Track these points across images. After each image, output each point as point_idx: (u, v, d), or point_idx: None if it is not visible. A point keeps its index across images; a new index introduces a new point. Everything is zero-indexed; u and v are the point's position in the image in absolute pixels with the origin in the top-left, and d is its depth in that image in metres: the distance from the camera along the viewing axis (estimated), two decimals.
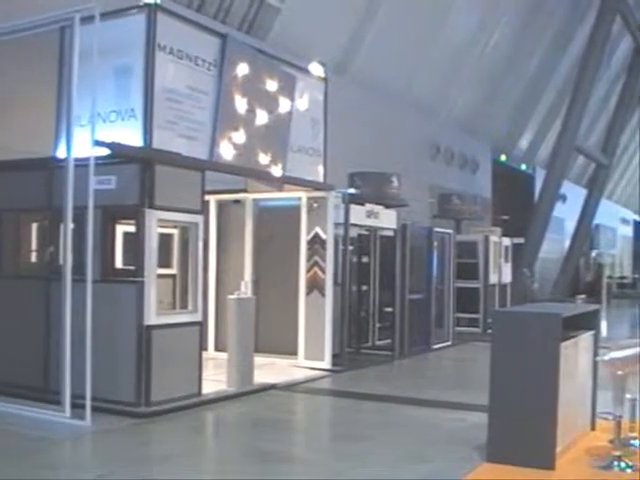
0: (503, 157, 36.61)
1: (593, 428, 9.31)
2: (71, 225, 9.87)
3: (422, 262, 17.87)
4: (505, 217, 32.65)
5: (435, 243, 18.31)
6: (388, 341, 17.22)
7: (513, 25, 31.63)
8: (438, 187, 28.89)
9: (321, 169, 14.94)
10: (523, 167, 39.34)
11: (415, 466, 8.15)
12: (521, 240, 27.85)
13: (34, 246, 11.86)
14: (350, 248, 15.69)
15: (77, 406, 9.60)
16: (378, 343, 17.74)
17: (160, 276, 10.96)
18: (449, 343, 19.01)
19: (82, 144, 9.91)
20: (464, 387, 13.13)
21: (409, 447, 8.91)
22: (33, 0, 12.23)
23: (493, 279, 23.05)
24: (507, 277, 24.47)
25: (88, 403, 9.46)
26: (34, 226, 11.82)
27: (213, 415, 10.85)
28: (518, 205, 35.56)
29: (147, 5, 10.90)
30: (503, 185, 35.97)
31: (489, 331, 9.29)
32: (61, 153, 10.84)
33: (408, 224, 17.30)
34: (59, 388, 9.81)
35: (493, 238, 23.35)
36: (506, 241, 24.52)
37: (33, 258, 11.86)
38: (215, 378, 12.42)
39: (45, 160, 11.34)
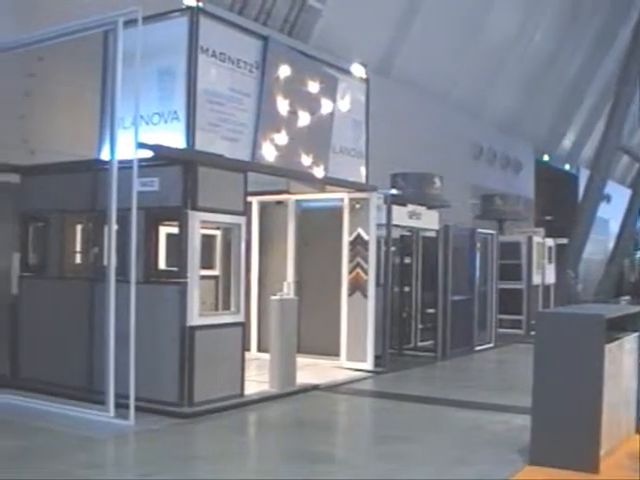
0: (546, 157, 36.31)
1: (638, 431, 9.20)
2: (115, 227, 9.95)
3: (465, 263, 17.79)
4: (548, 217, 32.38)
5: (478, 244, 18.21)
6: (430, 342, 17.15)
7: (555, 24, 31.38)
8: (481, 188, 28.70)
9: (363, 170, 14.93)
10: (566, 167, 39.00)
11: (458, 468, 8.11)
12: (565, 241, 27.56)
13: (78, 247, 11.98)
14: (392, 249, 15.64)
15: (121, 406, 9.69)
16: (420, 344, 17.66)
17: (203, 277, 11.01)
18: (492, 345, 18.89)
19: (126, 146, 9.99)
20: (507, 389, 13.02)
21: (452, 449, 8.88)
22: (77, 5, 12.39)
23: (536, 280, 22.85)
24: (550, 278, 24.24)
25: (132, 403, 9.55)
26: (79, 228, 11.94)
27: (255, 416, 10.88)
28: (562, 205, 35.25)
29: (189, 8, 10.97)
30: (546, 185, 35.67)
31: (532, 333, 9.21)
32: (105, 155, 10.97)
33: (450, 225, 17.22)
34: (103, 388, 9.90)
35: (536, 239, 23.16)
36: (549, 242, 24.29)
37: (78, 259, 11.99)
38: (257, 379, 12.45)
39: (89, 162, 11.47)
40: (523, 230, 25.18)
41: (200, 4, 11.03)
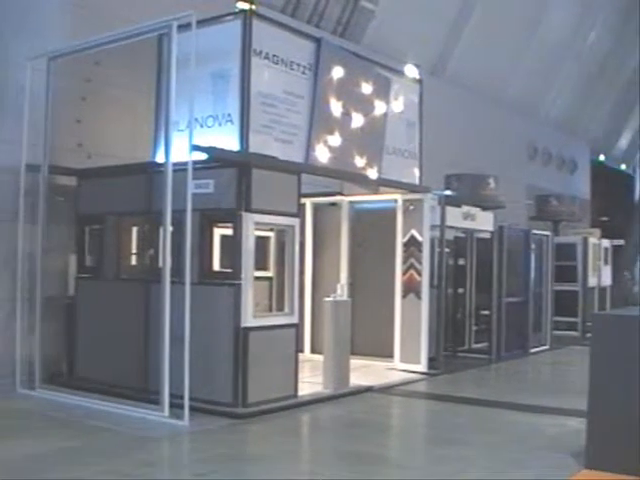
0: (602, 157, 35.88)
1: None
2: (170, 228, 10.04)
3: (519, 264, 17.64)
4: (604, 218, 31.99)
5: (533, 245, 18.06)
6: (485, 344, 17.03)
7: (611, 22, 30.99)
8: (535, 188, 28.45)
9: (417, 171, 14.89)
10: (623, 167, 38.50)
11: (513, 471, 8.04)
12: (621, 242, 27.23)
13: (134, 249, 12.11)
14: (446, 250, 15.58)
15: (175, 406, 9.77)
16: (475, 346, 17.57)
17: (257, 279, 11.09)
18: (547, 347, 18.72)
19: (180, 149, 10.08)
20: (562, 392, 12.89)
21: (506, 452, 8.80)
22: (132, 10, 12.54)
23: (592, 282, 22.60)
24: (607, 280, 23.96)
25: (186, 403, 9.63)
26: (134, 230, 12.07)
27: (309, 417, 10.91)
28: (618, 206, 34.84)
29: (242, 11, 11.04)
30: (602, 186, 35.24)
31: (588, 335, 9.11)
32: (160, 158, 11.07)
33: (505, 226, 17.10)
34: (158, 388, 9.99)
35: (592, 240, 22.90)
36: (605, 243, 24.00)
37: (133, 261, 12.12)
38: (311, 380, 12.49)
39: (144, 165, 11.59)
40: (579, 231, 24.92)
41: (253, 7, 11.10)
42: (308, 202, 15.28)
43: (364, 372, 13.67)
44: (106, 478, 7.52)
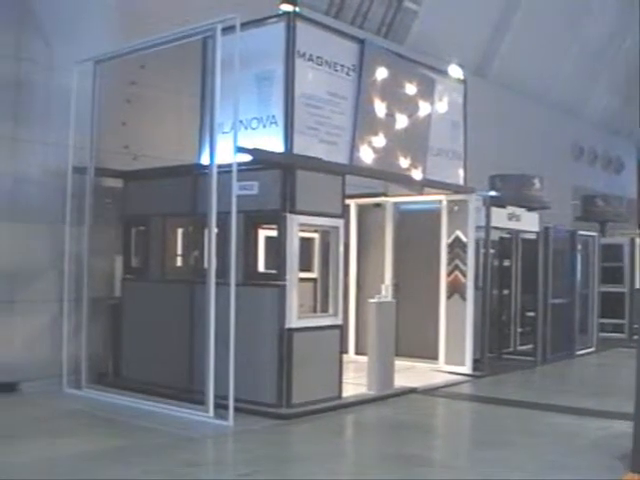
0: None
1: None
2: (215, 230, 10.09)
3: (565, 266, 17.50)
4: None
5: (579, 246, 17.90)
6: (530, 346, 16.89)
7: None
8: (581, 188, 28.18)
9: (461, 172, 14.83)
10: None
11: (557, 474, 7.98)
12: None
13: (179, 250, 12.19)
14: (491, 251, 15.50)
15: (220, 406, 9.82)
16: (520, 348, 17.43)
17: (301, 280, 11.09)
18: (593, 349, 18.52)
19: (225, 151, 10.13)
20: (608, 394, 12.75)
21: (551, 455, 8.73)
22: (175, 13, 12.63)
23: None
24: None
25: (231, 404, 9.66)
26: (179, 231, 12.15)
27: (353, 418, 10.91)
28: None
29: (286, 13, 11.06)
30: None
31: (635, 337, 9.00)
32: (205, 160, 11.13)
33: (551, 227, 16.97)
34: (203, 389, 10.05)
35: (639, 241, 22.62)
36: None
37: (178, 262, 12.20)
38: (355, 381, 12.49)
39: (189, 167, 11.66)
40: (625, 232, 24.59)
41: (296, 9, 11.12)
42: (352, 203, 15.29)
43: (408, 373, 13.63)
44: (151, 478, 7.58)
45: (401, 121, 12.92)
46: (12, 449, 8.52)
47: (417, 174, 13.34)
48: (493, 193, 15.73)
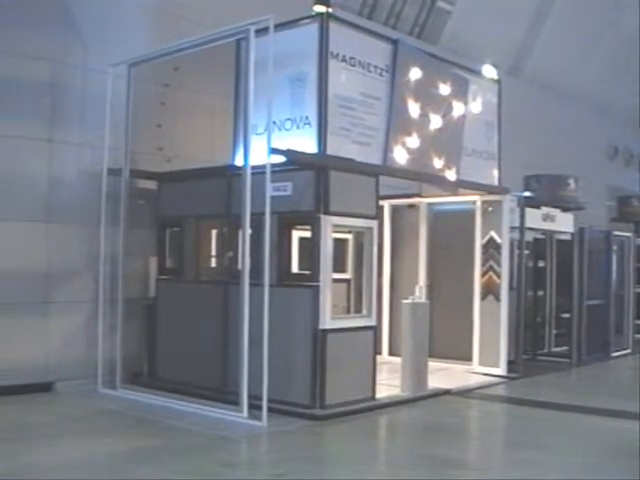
0: None
1: None
2: (249, 231, 10.12)
3: (600, 266, 17.37)
4: None
5: (614, 247, 17.76)
6: (565, 348, 16.79)
7: None
8: (616, 189, 27.94)
9: (496, 172, 14.75)
10: None
11: (590, 477, 7.91)
12: None
13: (213, 251, 12.24)
14: (526, 252, 15.41)
15: (254, 407, 9.85)
16: (555, 350, 17.32)
17: (335, 280, 11.09)
18: (629, 351, 18.38)
19: (259, 152, 10.16)
20: None
21: (585, 457, 8.67)
22: (208, 16, 12.69)
23: None
24: None
25: (265, 404, 9.69)
26: (213, 232, 12.20)
27: (386, 419, 10.89)
28: None
29: (319, 14, 11.05)
30: None
31: None
32: (239, 161, 11.16)
33: (586, 228, 16.86)
34: (236, 389, 10.08)
35: None
36: None
37: (212, 263, 12.25)
38: (389, 382, 12.47)
39: (223, 168, 11.70)
40: None
41: (330, 10, 11.12)
42: (386, 204, 15.27)
43: (442, 375, 13.58)
44: (185, 477, 7.61)
45: (435, 121, 12.87)
46: (47, 448, 8.59)
47: (451, 175, 13.29)
48: (527, 194, 15.65)
